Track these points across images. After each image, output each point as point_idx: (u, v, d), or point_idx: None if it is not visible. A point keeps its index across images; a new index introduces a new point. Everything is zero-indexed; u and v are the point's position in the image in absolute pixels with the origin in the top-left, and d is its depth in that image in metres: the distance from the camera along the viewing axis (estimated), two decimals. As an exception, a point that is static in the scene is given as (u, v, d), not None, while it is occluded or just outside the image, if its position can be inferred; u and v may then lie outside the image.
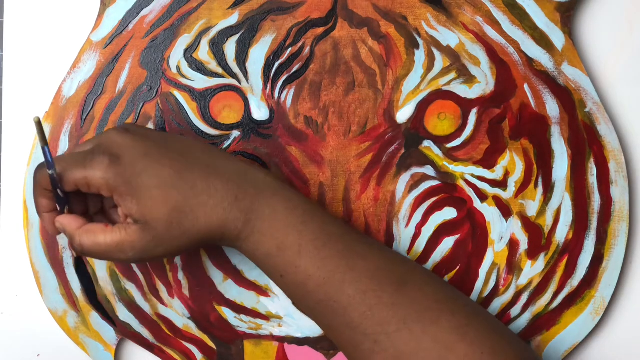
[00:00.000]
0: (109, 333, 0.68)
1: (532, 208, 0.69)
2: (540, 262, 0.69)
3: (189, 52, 0.68)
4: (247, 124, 0.68)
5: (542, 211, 0.69)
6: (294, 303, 0.62)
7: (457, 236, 0.68)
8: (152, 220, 0.58)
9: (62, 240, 0.68)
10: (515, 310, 0.69)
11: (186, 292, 0.68)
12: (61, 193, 0.59)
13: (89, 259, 0.68)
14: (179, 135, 0.65)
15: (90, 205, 0.62)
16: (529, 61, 0.68)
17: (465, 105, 0.68)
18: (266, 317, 0.68)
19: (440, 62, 0.68)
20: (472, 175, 0.68)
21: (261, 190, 0.60)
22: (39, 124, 0.55)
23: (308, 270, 0.59)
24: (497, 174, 0.68)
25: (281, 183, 0.62)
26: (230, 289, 0.68)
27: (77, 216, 0.60)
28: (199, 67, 0.68)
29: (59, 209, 0.60)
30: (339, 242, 0.60)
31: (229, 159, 0.62)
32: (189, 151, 0.61)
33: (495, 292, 0.69)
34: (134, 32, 0.68)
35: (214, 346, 0.69)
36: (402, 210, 0.68)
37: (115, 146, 0.59)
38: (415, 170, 0.68)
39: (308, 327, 0.68)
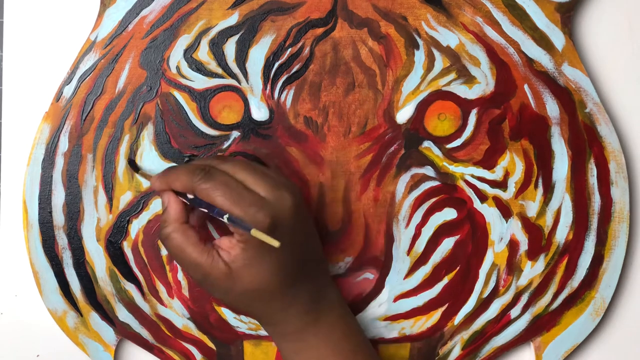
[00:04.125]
0: (108, 333, 0.68)
1: (532, 209, 0.68)
2: (541, 263, 0.69)
3: (189, 53, 0.68)
4: (247, 124, 0.68)
5: (542, 212, 0.68)
6: None
7: (457, 237, 0.68)
8: (239, 281, 0.59)
9: (62, 240, 0.68)
10: (515, 311, 0.69)
11: (186, 292, 0.68)
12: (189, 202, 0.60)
13: (88, 259, 0.68)
14: (317, 236, 0.64)
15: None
16: (529, 62, 0.68)
17: (465, 105, 0.68)
18: (266, 318, 0.68)
19: (440, 62, 0.68)
20: (472, 176, 0.68)
21: (330, 310, 0.62)
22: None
23: None
24: (497, 174, 0.68)
25: (348, 309, 0.64)
26: (229, 290, 0.68)
27: (184, 209, 0.60)
28: (199, 68, 0.68)
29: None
30: None
31: (322, 270, 0.64)
32: (311, 256, 0.62)
33: (495, 293, 0.69)
34: (133, 32, 0.68)
35: (213, 347, 0.69)
36: (402, 211, 0.68)
37: (281, 218, 0.58)
38: (415, 170, 0.68)
39: (308, 328, 0.68)
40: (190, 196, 0.60)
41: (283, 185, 0.60)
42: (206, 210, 0.58)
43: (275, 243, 0.54)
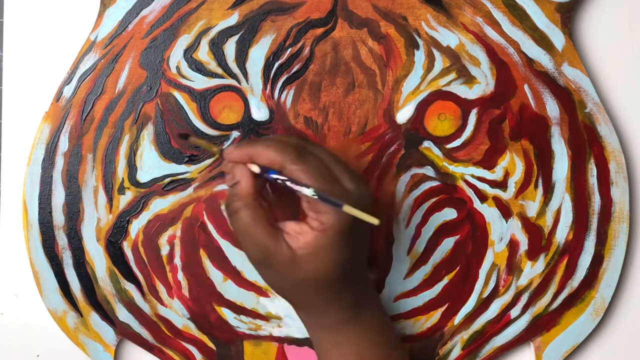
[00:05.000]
0: (108, 333, 0.68)
1: (532, 209, 0.68)
2: (540, 263, 0.69)
3: (189, 53, 0.68)
4: (247, 124, 0.68)
5: (542, 212, 0.68)
6: None
7: (457, 237, 0.68)
8: (302, 268, 0.58)
9: (62, 240, 0.68)
10: (515, 311, 0.69)
11: (186, 292, 0.68)
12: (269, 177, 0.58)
13: (88, 259, 0.68)
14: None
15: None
16: (529, 62, 0.68)
17: (465, 105, 0.68)
18: (266, 318, 0.68)
19: (440, 62, 0.68)
20: (472, 176, 0.68)
21: (371, 308, 0.63)
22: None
23: None
24: (497, 174, 0.68)
25: (383, 308, 0.65)
26: (230, 290, 0.68)
27: (257, 186, 0.59)
28: (199, 68, 0.68)
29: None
30: None
31: (366, 269, 0.64)
32: (364, 254, 0.62)
33: (495, 293, 0.69)
34: (133, 32, 0.68)
35: (213, 347, 0.69)
36: (402, 211, 0.68)
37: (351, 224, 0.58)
38: (415, 170, 0.68)
39: (308, 328, 0.68)
40: (274, 175, 0.58)
41: (362, 180, 0.60)
42: (292, 184, 0.56)
43: (375, 221, 0.53)
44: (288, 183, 0.57)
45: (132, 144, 0.67)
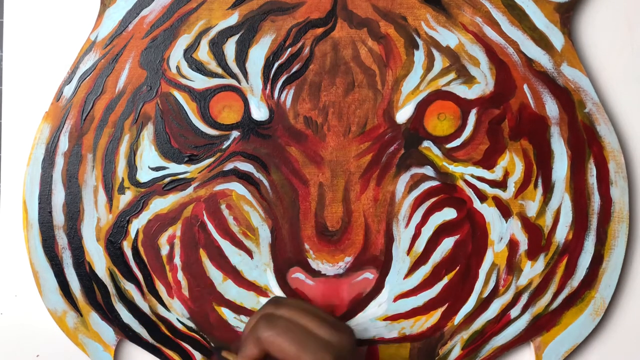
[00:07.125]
0: (108, 333, 0.68)
1: (531, 208, 0.69)
2: (540, 263, 0.69)
3: (189, 53, 0.68)
4: (247, 124, 0.68)
5: (541, 212, 0.69)
6: None
7: (457, 236, 0.68)
8: None
9: (62, 240, 0.68)
10: (515, 311, 0.69)
11: (186, 292, 0.68)
12: None
13: (89, 259, 0.68)
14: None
15: None
16: (529, 62, 0.68)
17: (464, 105, 0.68)
18: (266, 318, 0.68)
19: (439, 62, 0.68)
20: (472, 176, 0.68)
21: None
22: None
23: None
24: (496, 174, 0.68)
25: None
26: (229, 290, 0.68)
27: None
28: (199, 68, 0.68)
29: None
30: None
31: None
32: None
33: (495, 293, 0.69)
34: (133, 32, 0.68)
35: (213, 346, 0.69)
36: (401, 211, 0.68)
37: (343, 358, 0.60)
38: (415, 170, 0.68)
39: (308, 328, 0.68)
40: None
41: (341, 327, 0.62)
42: None
43: None
44: None
45: (132, 144, 0.68)
